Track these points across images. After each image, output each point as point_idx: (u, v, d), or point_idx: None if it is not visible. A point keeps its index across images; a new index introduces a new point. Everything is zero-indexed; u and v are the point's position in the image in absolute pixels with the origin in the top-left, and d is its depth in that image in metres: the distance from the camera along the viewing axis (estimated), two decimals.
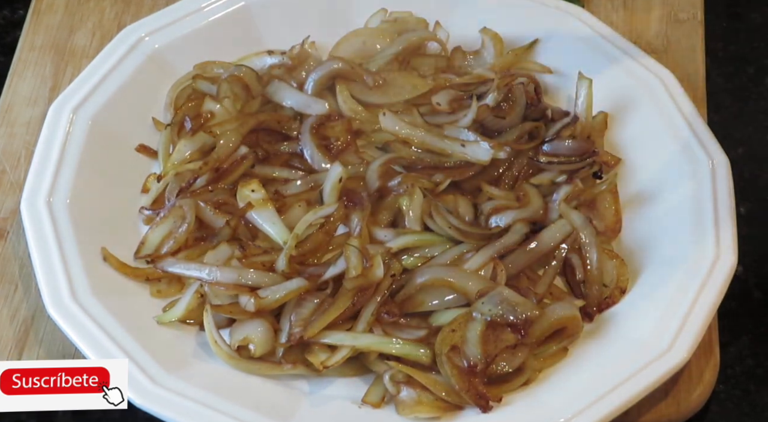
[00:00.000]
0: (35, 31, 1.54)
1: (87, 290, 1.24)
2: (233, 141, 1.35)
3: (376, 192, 1.32)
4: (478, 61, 1.48)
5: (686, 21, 1.55)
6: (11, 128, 1.44)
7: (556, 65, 1.47)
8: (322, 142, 1.37)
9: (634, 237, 1.33)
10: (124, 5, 1.57)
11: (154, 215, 1.32)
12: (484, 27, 1.48)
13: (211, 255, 1.27)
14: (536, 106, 1.42)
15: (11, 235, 1.35)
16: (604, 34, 1.46)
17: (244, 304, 1.23)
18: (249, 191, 1.32)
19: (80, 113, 1.37)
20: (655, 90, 1.41)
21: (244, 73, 1.41)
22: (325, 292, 1.24)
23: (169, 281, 1.28)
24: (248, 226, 1.31)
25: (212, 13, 1.48)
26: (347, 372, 1.22)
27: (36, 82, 1.48)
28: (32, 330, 1.28)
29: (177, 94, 1.43)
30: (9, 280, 1.32)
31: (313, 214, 1.29)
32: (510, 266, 1.28)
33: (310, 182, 1.34)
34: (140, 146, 1.39)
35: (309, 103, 1.40)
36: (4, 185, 1.39)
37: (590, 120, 1.40)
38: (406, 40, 1.46)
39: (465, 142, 1.36)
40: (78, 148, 1.34)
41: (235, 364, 1.22)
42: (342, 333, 1.21)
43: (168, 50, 1.45)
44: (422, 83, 1.43)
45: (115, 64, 1.41)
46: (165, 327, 1.25)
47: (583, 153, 1.36)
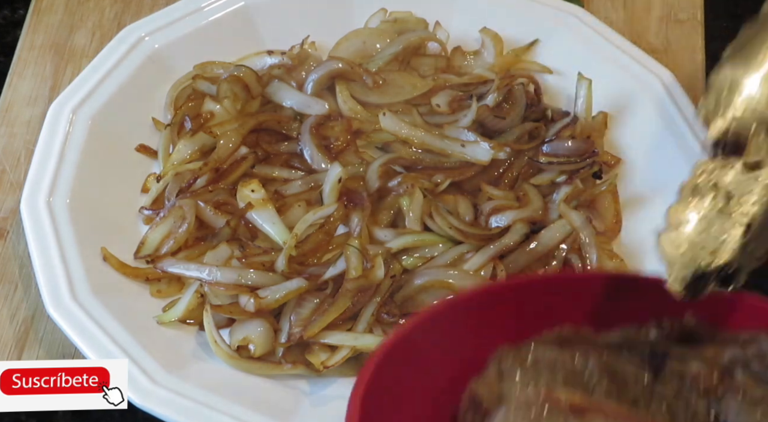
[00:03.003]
0: (35, 31, 1.54)
1: (87, 290, 1.24)
2: (233, 141, 1.35)
3: (376, 192, 1.32)
4: (478, 61, 1.48)
5: (686, 21, 1.55)
6: (11, 127, 1.44)
7: (556, 65, 1.47)
8: (322, 142, 1.37)
9: (634, 237, 1.33)
10: (124, 5, 1.57)
11: (154, 215, 1.32)
12: (484, 27, 1.48)
13: (211, 255, 1.27)
14: (536, 106, 1.42)
15: (11, 235, 1.35)
16: (604, 34, 1.46)
17: (244, 304, 1.23)
18: (249, 191, 1.32)
19: (80, 112, 1.37)
20: (655, 90, 1.41)
21: (244, 74, 1.41)
22: (325, 292, 1.24)
23: (169, 281, 1.28)
24: (248, 226, 1.31)
25: (212, 13, 1.48)
26: (347, 372, 1.22)
27: (36, 82, 1.48)
28: (32, 329, 1.28)
29: (177, 94, 1.43)
30: (9, 280, 1.32)
31: (313, 214, 1.29)
32: (510, 266, 1.28)
33: (310, 182, 1.34)
34: (140, 146, 1.39)
35: (309, 103, 1.40)
36: (4, 185, 1.39)
37: (590, 120, 1.40)
38: (406, 40, 1.46)
39: (465, 142, 1.36)
40: (78, 148, 1.34)
41: (235, 364, 1.22)
42: (342, 333, 1.22)
43: (168, 50, 1.45)
44: (422, 83, 1.43)
45: (115, 64, 1.41)
46: (165, 326, 1.25)
47: (583, 153, 1.36)
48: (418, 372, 1.09)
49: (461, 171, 1.35)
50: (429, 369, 1.09)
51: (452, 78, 1.45)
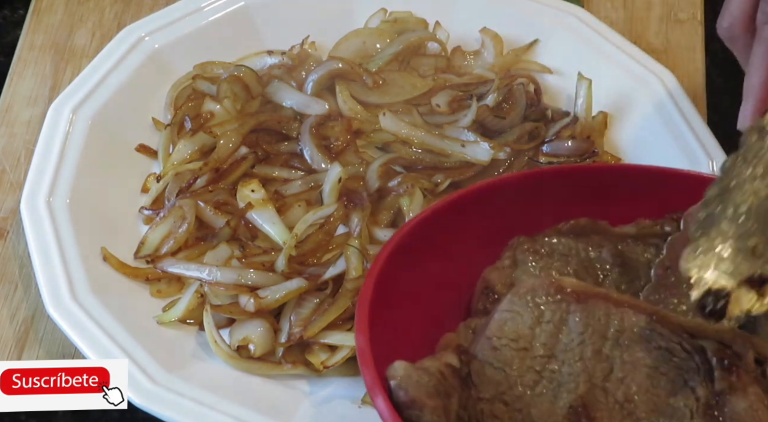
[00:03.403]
0: (35, 31, 1.53)
1: (87, 290, 1.24)
2: (233, 141, 1.35)
3: (376, 192, 1.32)
4: (478, 61, 1.48)
5: (686, 21, 1.55)
6: (11, 127, 1.44)
7: (556, 65, 1.47)
8: (322, 142, 1.37)
9: None
10: (124, 5, 1.57)
11: (154, 215, 1.32)
12: (484, 27, 1.48)
13: (211, 255, 1.27)
14: (536, 106, 1.42)
15: (11, 235, 1.35)
16: (604, 34, 1.46)
17: (244, 304, 1.23)
18: (249, 191, 1.32)
19: (80, 112, 1.37)
20: (655, 90, 1.41)
21: (244, 74, 1.41)
22: (325, 292, 1.24)
23: (169, 281, 1.28)
24: (248, 226, 1.31)
25: (212, 13, 1.48)
26: (347, 372, 1.22)
27: (36, 82, 1.48)
28: (32, 329, 1.28)
29: (177, 94, 1.43)
30: (9, 280, 1.32)
31: (313, 214, 1.29)
32: None
33: (310, 182, 1.34)
34: (140, 146, 1.39)
35: (309, 103, 1.40)
36: (4, 185, 1.39)
37: (590, 120, 1.40)
38: (405, 40, 1.46)
39: (465, 142, 1.36)
40: (78, 148, 1.34)
41: (235, 364, 1.22)
42: (342, 333, 1.22)
43: (168, 50, 1.45)
44: (422, 83, 1.43)
45: (115, 64, 1.41)
46: (165, 326, 1.25)
47: (583, 153, 1.36)
48: (434, 258, 1.12)
49: (461, 171, 1.35)
50: (445, 256, 1.13)
51: (452, 78, 1.45)
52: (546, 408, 1.00)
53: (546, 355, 1.02)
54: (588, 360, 1.02)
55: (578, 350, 1.02)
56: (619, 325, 1.03)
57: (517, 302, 1.05)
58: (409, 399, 0.95)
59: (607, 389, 1.01)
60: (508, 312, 1.05)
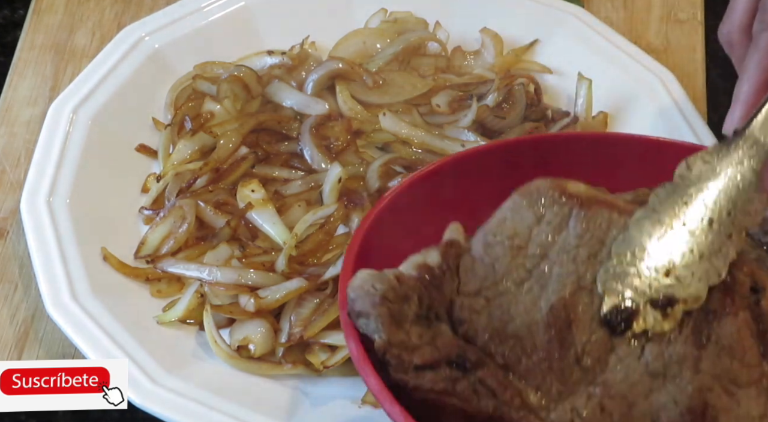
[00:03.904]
0: (35, 31, 1.53)
1: (87, 290, 1.24)
2: (233, 141, 1.36)
3: (376, 192, 1.32)
4: (478, 61, 1.48)
5: (686, 21, 1.55)
6: (11, 127, 1.44)
7: (556, 65, 1.47)
8: (322, 142, 1.37)
9: None
10: (124, 5, 1.57)
11: (154, 215, 1.32)
12: (484, 27, 1.48)
13: (211, 255, 1.27)
14: (536, 106, 1.42)
15: (11, 235, 1.35)
16: (604, 34, 1.47)
17: (244, 304, 1.23)
18: (249, 191, 1.32)
19: (80, 112, 1.37)
20: (655, 90, 1.41)
21: (244, 74, 1.41)
22: (325, 292, 1.24)
23: (169, 281, 1.28)
24: (248, 226, 1.31)
25: (212, 13, 1.48)
26: (347, 372, 1.22)
27: (36, 82, 1.48)
28: (32, 329, 1.28)
29: (177, 94, 1.43)
30: (9, 280, 1.32)
31: (313, 214, 1.29)
32: None
33: (310, 182, 1.34)
34: (140, 146, 1.39)
35: (309, 104, 1.40)
36: (4, 185, 1.39)
37: (590, 120, 1.40)
38: (406, 40, 1.46)
39: (465, 142, 1.36)
40: (78, 148, 1.34)
41: (235, 364, 1.21)
42: (342, 333, 1.21)
43: (168, 50, 1.45)
44: (422, 83, 1.43)
45: (115, 64, 1.41)
46: (165, 326, 1.25)
47: None
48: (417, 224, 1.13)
49: None
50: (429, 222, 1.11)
51: (452, 78, 1.45)
52: (526, 308, 0.98)
53: (540, 255, 1.00)
54: (581, 263, 0.99)
55: (573, 252, 0.99)
56: (619, 232, 1.00)
57: (519, 202, 1.02)
58: (358, 309, 0.97)
59: (594, 291, 0.99)
60: (509, 210, 1.02)
